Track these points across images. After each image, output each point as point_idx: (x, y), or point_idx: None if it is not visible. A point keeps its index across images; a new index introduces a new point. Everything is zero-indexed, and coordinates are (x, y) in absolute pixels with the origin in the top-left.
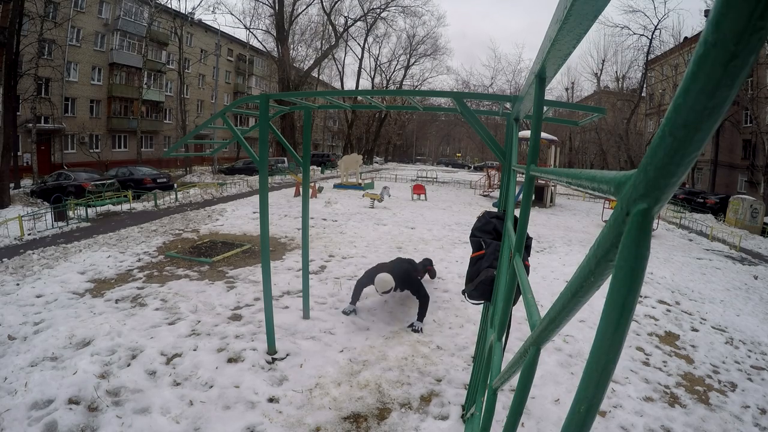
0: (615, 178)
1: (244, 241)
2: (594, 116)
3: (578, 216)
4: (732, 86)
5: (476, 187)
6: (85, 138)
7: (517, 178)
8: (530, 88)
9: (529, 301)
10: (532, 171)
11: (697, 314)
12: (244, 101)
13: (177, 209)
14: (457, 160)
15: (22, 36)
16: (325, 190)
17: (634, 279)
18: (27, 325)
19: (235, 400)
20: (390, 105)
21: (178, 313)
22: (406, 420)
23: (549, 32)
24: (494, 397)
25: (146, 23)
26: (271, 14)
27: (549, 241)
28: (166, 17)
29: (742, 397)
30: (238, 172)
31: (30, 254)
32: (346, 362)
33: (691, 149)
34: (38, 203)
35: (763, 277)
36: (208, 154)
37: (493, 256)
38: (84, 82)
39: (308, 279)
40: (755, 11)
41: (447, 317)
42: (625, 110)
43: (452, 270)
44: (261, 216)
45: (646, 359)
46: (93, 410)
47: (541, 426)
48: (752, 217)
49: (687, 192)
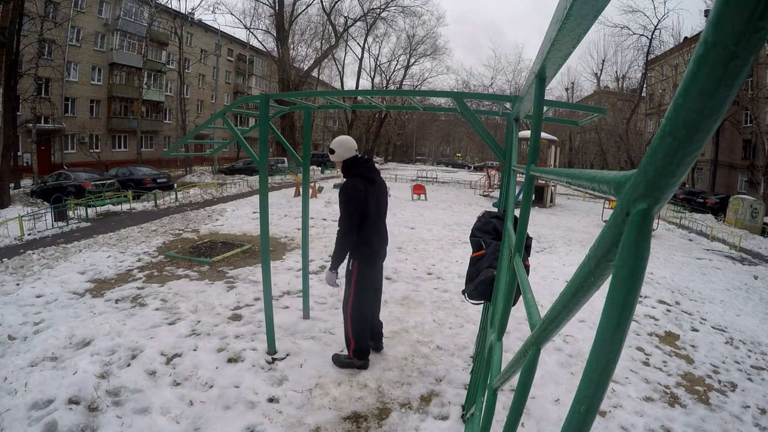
0: (615, 178)
1: (244, 241)
2: (594, 116)
3: (578, 216)
4: (732, 86)
5: (476, 187)
6: (85, 138)
7: (517, 178)
8: (530, 88)
9: (529, 301)
10: (532, 171)
11: (697, 314)
12: (244, 101)
13: (177, 209)
14: (457, 160)
15: (22, 36)
16: (325, 190)
17: (634, 279)
18: (27, 325)
19: (235, 400)
20: (390, 105)
21: (178, 313)
22: (406, 420)
23: (549, 32)
24: (494, 397)
25: (146, 23)
26: (271, 14)
27: (549, 241)
28: (166, 17)
29: (742, 397)
30: (238, 172)
31: (30, 254)
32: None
33: (691, 149)
34: (38, 203)
35: (763, 277)
36: (208, 154)
37: (493, 256)
38: (84, 82)
39: (308, 279)
40: (755, 11)
41: (447, 317)
42: (625, 110)
43: (452, 270)
44: (261, 216)
45: (646, 359)
46: (93, 410)
47: (541, 426)
48: (752, 217)
49: (687, 192)
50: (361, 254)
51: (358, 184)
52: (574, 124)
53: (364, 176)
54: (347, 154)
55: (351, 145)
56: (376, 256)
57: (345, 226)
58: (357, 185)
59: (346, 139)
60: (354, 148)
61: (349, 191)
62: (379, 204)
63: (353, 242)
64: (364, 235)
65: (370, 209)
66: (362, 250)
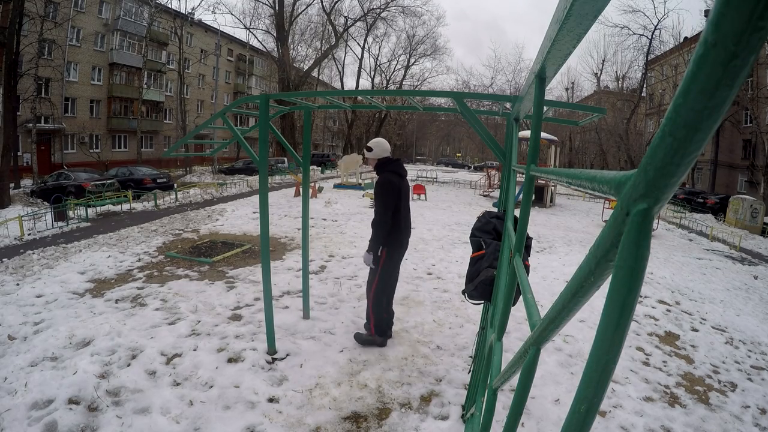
0: (615, 178)
1: (244, 241)
2: (594, 116)
3: (578, 216)
4: (732, 86)
5: (476, 187)
6: (85, 138)
7: (517, 178)
8: (530, 88)
9: (529, 301)
10: (532, 171)
11: (697, 314)
12: (244, 101)
13: (177, 209)
14: (457, 160)
15: (22, 36)
16: (325, 190)
17: (634, 279)
18: (27, 325)
19: (235, 400)
20: (390, 105)
21: (178, 313)
22: (406, 420)
23: (549, 32)
24: (494, 397)
25: (146, 23)
26: (271, 14)
27: (549, 241)
28: (166, 17)
29: (742, 397)
30: (238, 172)
31: (30, 254)
32: (346, 362)
33: (691, 149)
34: (38, 203)
35: (763, 277)
36: (208, 154)
37: (493, 256)
38: (84, 82)
39: (308, 279)
40: (755, 11)
41: (447, 317)
42: (625, 110)
43: (452, 270)
44: (261, 216)
45: (646, 359)
46: (93, 410)
47: (541, 426)
48: (752, 217)
49: (687, 192)
50: (391, 241)
51: (393, 178)
52: (574, 124)
53: (397, 172)
54: (383, 153)
55: (387, 146)
56: (402, 244)
57: (382, 214)
58: (392, 179)
59: (383, 141)
60: (389, 150)
61: (387, 185)
62: (406, 197)
63: (389, 228)
64: (396, 224)
65: (402, 202)
66: (393, 237)
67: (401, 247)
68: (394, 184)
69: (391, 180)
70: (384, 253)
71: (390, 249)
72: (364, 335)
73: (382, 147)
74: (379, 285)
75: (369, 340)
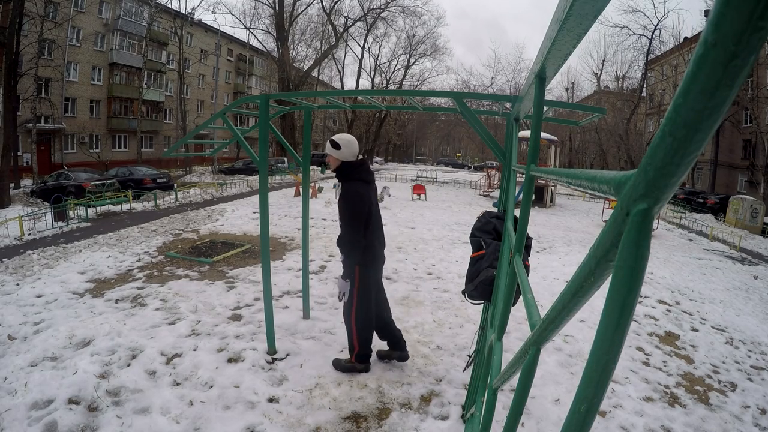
0: (615, 178)
1: (244, 241)
2: (594, 116)
3: (578, 216)
4: (732, 86)
5: (476, 187)
6: (85, 138)
7: (517, 178)
8: (530, 88)
9: (529, 301)
10: (532, 171)
11: (697, 314)
12: (244, 101)
13: (177, 209)
14: (457, 160)
15: (22, 36)
16: (325, 190)
17: (634, 279)
18: (27, 325)
19: (235, 400)
20: (390, 105)
21: (178, 313)
22: (406, 420)
23: (549, 32)
24: (494, 397)
25: (146, 23)
26: (271, 14)
27: (549, 241)
28: (166, 17)
29: (742, 397)
30: (238, 172)
31: (30, 254)
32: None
33: (691, 149)
34: (38, 203)
35: (763, 277)
36: (208, 154)
37: (493, 256)
38: (84, 82)
39: (308, 279)
40: (755, 11)
41: (447, 317)
42: (625, 110)
43: (452, 270)
44: (261, 216)
45: (646, 359)
46: (93, 410)
47: (541, 426)
48: (752, 217)
49: (687, 192)
50: (363, 259)
51: (360, 189)
52: (574, 124)
53: (364, 179)
54: (351, 156)
55: (356, 147)
56: (378, 259)
57: (351, 234)
58: (360, 190)
59: (353, 140)
60: (357, 152)
61: (355, 198)
62: (376, 204)
63: (362, 248)
64: (368, 239)
65: (373, 214)
66: (366, 254)
67: (376, 261)
68: (364, 197)
69: (359, 191)
70: (357, 271)
71: (362, 267)
72: (344, 361)
73: (351, 148)
74: (359, 309)
75: (348, 367)
